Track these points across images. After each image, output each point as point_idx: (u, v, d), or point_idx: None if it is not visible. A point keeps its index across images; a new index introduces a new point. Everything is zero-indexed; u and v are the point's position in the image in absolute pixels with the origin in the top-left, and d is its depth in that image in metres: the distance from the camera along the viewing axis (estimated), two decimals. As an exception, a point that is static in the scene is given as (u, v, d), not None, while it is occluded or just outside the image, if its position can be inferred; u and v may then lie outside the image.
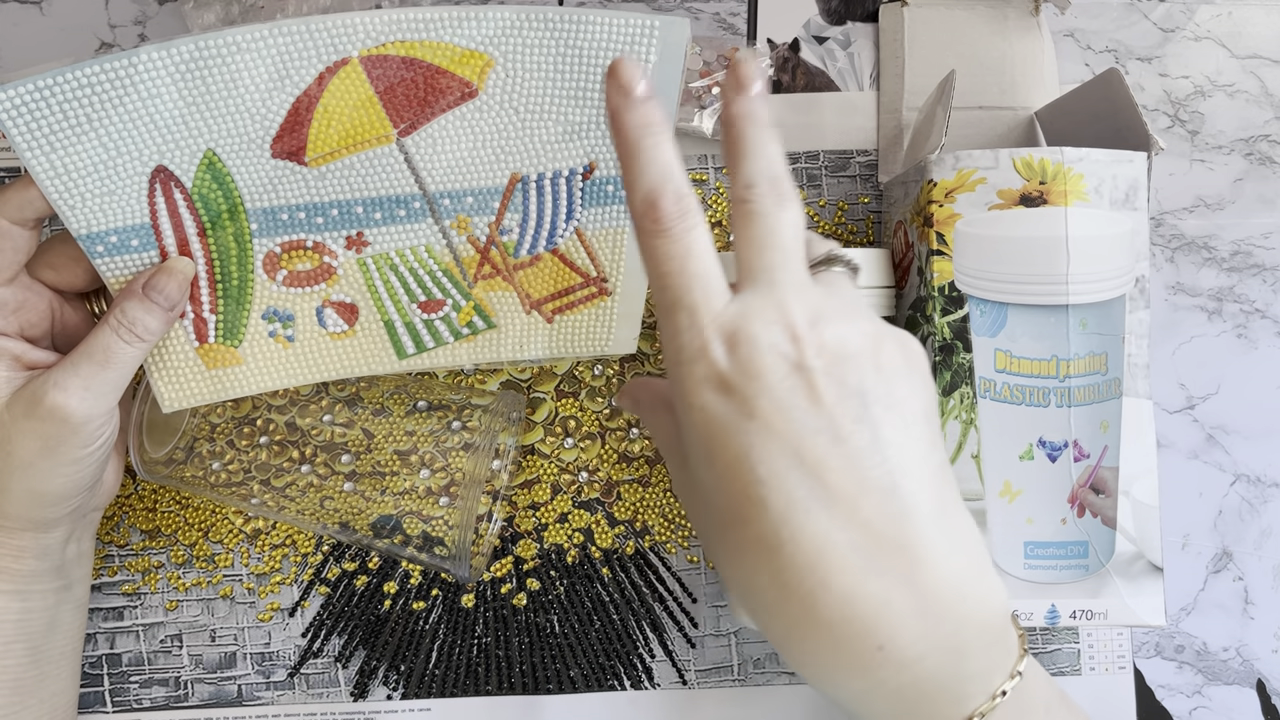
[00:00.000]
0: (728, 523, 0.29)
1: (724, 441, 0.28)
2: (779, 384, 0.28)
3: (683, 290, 0.29)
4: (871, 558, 0.27)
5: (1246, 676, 0.51)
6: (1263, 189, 0.52)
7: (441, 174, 0.39)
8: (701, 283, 0.29)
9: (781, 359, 0.28)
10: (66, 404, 0.36)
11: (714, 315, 0.29)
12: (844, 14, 0.52)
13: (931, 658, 0.28)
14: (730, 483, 0.28)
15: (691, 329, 0.29)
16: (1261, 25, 0.52)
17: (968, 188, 0.42)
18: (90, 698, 0.49)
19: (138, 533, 0.49)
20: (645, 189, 0.29)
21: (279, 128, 0.37)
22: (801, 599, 0.28)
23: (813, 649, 0.28)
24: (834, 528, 0.27)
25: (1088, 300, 0.41)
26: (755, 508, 0.28)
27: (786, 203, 0.30)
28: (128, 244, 0.38)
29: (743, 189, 0.30)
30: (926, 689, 0.28)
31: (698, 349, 0.29)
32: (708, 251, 0.29)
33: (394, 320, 0.42)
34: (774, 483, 0.28)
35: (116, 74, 0.35)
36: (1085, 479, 0.41)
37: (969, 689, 0.28)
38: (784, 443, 0.28)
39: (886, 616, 0.27)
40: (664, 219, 0.29)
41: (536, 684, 0.49)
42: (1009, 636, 0.30)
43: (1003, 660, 0.29)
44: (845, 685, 0.29)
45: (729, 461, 0.28)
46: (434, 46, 0.37)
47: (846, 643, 0.28)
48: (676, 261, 0.29)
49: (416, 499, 0.44)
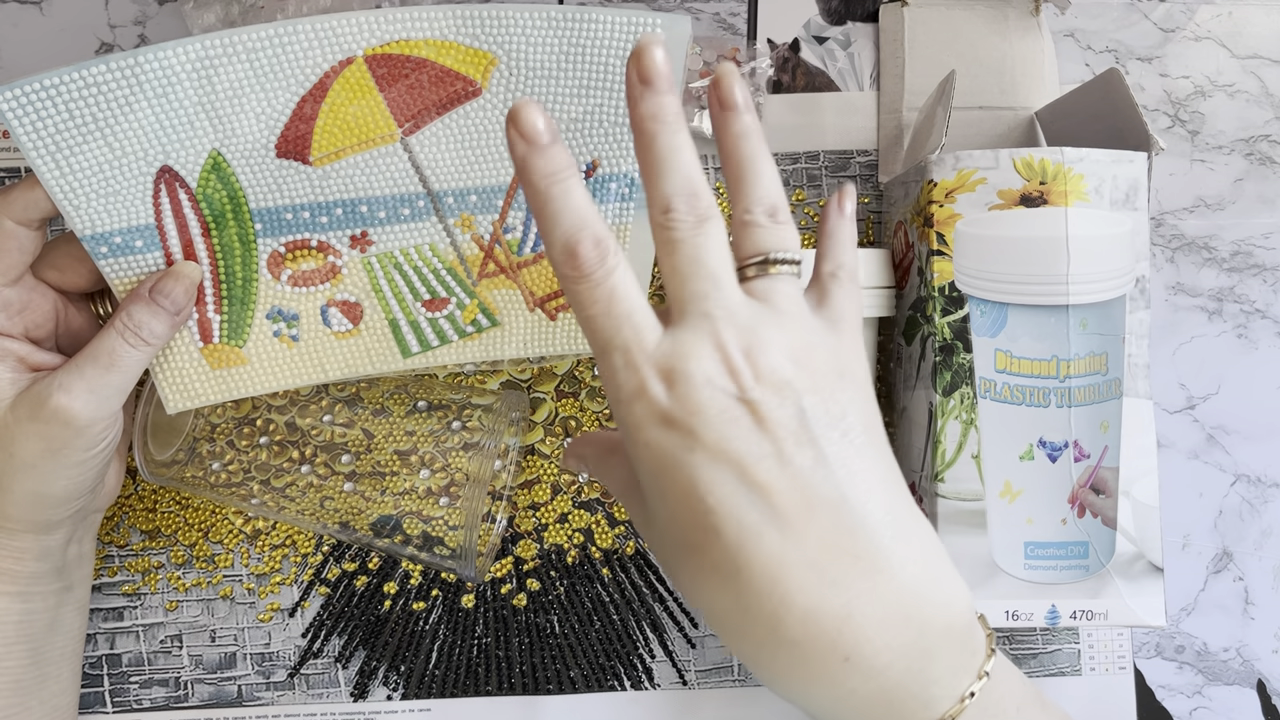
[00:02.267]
0: (686, 552, 0.29)
1: (673, 474, 0.29)
2: (719, 415, 0.28)
3: (612, 332, 0.29)
4: (828, 572, 0.28)
5: (1247, 677, 0.51)
6: (1263, 189, 0.52)
7: (445, 172, 0.39)
8: (630, 322, 0.29)
9: (720, 392, 0.28)
10: (71, 406, 0.36)
11: (647, 354, 0.29)
12: (844, 14, 0.52)
13: (897, 665, 0.28)
14: (683, 513, 0.29)
15: (627, 368, 0.29)
16: (1261, 25, 0.52)
17: (968, 188, 0.42)
18: (90, 698, 0.49)
19: (138, 533, 0.49)
20: (563, 237, 0.29)
21: (283, 128, 0.37)
22: (765, 620, 0.28)
23: (781, 666, 0.29)
24: (788, 547, 0.28)
25: (1088, 300, 0.41)
26: (709, 535, 0.28)
27: (706, 223, 0.29)
28: (132, 245, 0.38)
29: (659, 214, 0.30)
30: (895, 695, 0.29)
31: (636, 388, 0.29)
32: (631, 290, 0.29)
33: (398, 319, 0.42)
34: (724, 510, 0.28)
35: (122, 74, 0.35)
36: (1085, 479, 0.41)
37: (936, 692, 0.29)
38: (731, 470, 0.28)
39: (849, 629, 0.28)
40: (584, 265, 0.29)
41: (536, 684, 0.49)
42: (974, 638, 0.30)
43: (969, 662, 0.30)
44: (815, 698, 0.29)
45: (680, 493, 0.29)
46: (438, 45, 0.37)
47: (812, 658, 0.28)
48: (602, 304, 0.29)
49: (416, 499, 0.44)
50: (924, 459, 0.43)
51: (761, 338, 0.29)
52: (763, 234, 0.31)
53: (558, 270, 0.30)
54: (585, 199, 0.29)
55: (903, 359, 0.46)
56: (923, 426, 0.43)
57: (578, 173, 0.29)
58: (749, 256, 0.31)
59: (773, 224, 0.31)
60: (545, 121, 0.29)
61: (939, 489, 0.42)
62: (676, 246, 0.29)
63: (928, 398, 0.43)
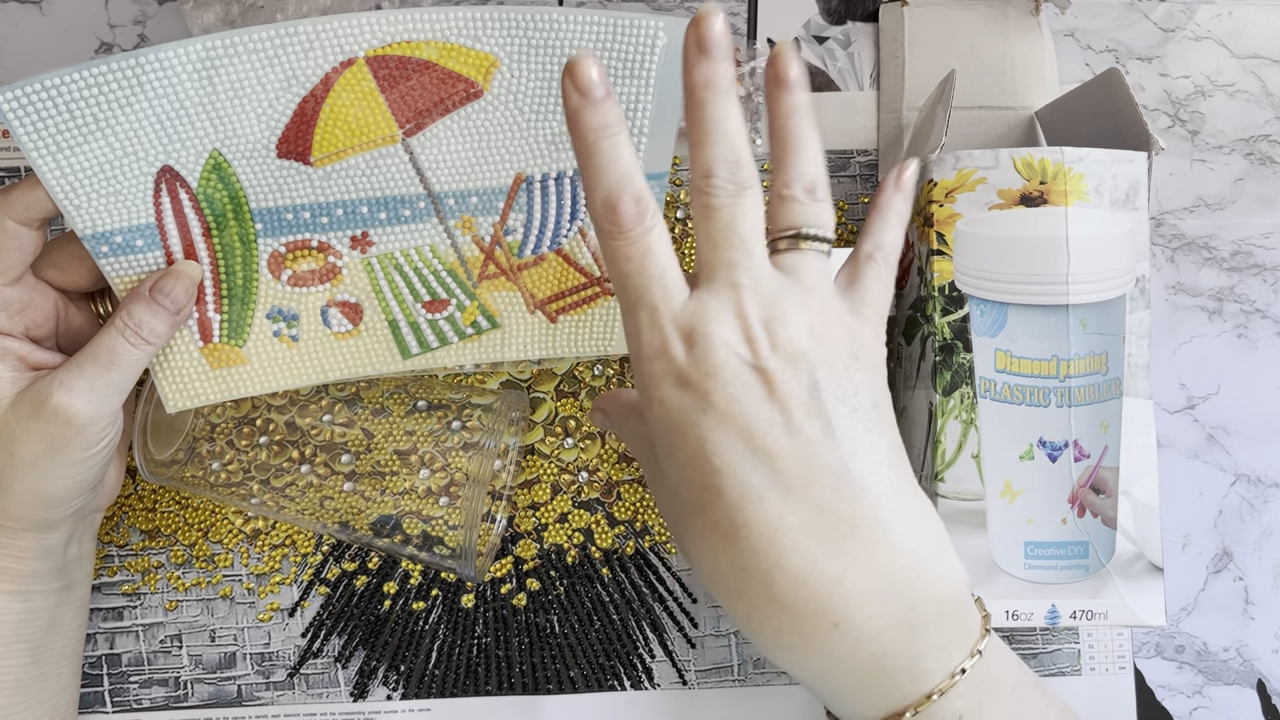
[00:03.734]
0: (690, 511, 0.30)
1: (683, 433, 0.30)
2: (734, 380, 0.29)
3: (642, 290, 0.30)
4: (825, 538, 0.29)
5: (1247, 677, 0.51)
6: (1263, 189, 0.52)
7: (446, 174, 0.39)
8: (660, 282, 0.30)
9: (736, 357, 0.29)
10: (71, 405, 0.37)
11: (673, 313, 0.30)
12: (844, 14, 0.52)
13: (887, 635, 0.29)
14: (690, 472, 0.30)
15: (652, 327, 0.30)
16: (1261, 25, 0.52)
17: (968, 188, 0.42)
18: (90, 698, 0.49)
19: (137, 533, 0.49)
20: (604, 192, 0.30)
21: (285, 128, 0.37)
22: (759, 580, 0.29)
23: (773, 629, 0.29)
24: (787, 511, 0.29)
25: (1088, 300, 0.41)
26: (713, 495, 0.29)
27: (745, 192, 0.30)
28: (132, 244, 0.38)
29: (700, 179, 0.30)
30: (884, 665, 0.29)
31: (658, 346, 0.30)
32: (665, 251, 0.30)
33: (398, 320, 0.42)
34: (729, 471, 0.29)
35: (124, 74, 0.35)
36: (1085, 479, 0.41)
37: (926, 665, 0.29)
38: (739, 434, 0.29)
39: (840, 595, 0.28)
40: (623, 221, 0.30)
41: (536, 684, 0.49)
42: (968, 616, 0.31)
43: (962, 639, 0.30)
44: (806, 663, 0.30)
45: (689, 452, 0.30)
46: (440, 47, 0.37)
47: (803, 621, 0.29)
48: (635, 262, 0.30)
49: (416, 499, 0.44)
50: (924, 459, 0.43)
51: (783, 309, 0.30)
52: (799, 209, 0.31)
53: (597, 224, 0.30)
54: (631, 157, 0.30)
55: (903, 359, 0.46)
56: (923, 426, 0.43)
57: (627, 130, 0.30)
58: (782, 230, 0.31)
59: (810, 200, 0.31)
60: (600, 74, 0.29)
61: (939, 489, 0.42)
62: (714, 213, 0.30)
63: (928, 397, 0.43)
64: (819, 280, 0.31)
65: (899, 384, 0.46)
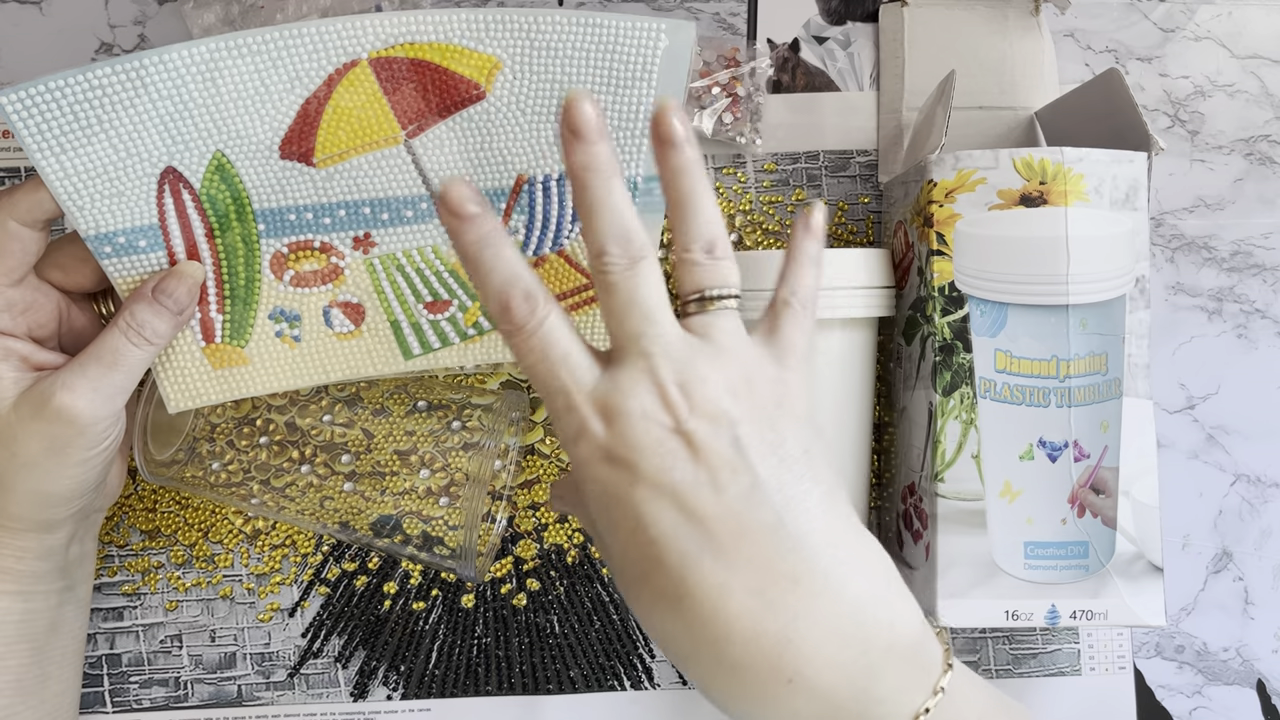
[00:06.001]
0: (636, 581, 0.30)
1: (620, 508, 0.30)
2: (656, 448, 0.29)
3: (550, 376, 0.30)
4: (767, 596, 0.29)
5: (1246, 677, 0.51)
6: (1263, 189, 0.52)
7: (448, 175, 0.39)
8: (565, 365, 0.30)
9: (657, 425, 0.29)
10: (73, 405, 0.37)
11: (585, 393, 0.30)
12: (844, 14, 0.52)
13: (841, 686, 0.29)
14: (630, 545, 0.30)
15: (568, 410, 0.30)
16: (1261, 25, 0.52)
17: (968, 188, 0.42)
18: (90, 698, 0.49)
19: (138, 533, 0.49)
20: (494, 293, 0.30)
21: (288, 129, 0.37)
22: (709, 646, 0.29)
23: (728, 689, 0.30)
24: (727, 574, 0.29)
25: (1088, 300, 0.41)
26: (654, 565, 0.29)
27: (638, 264, 0.30)
28: (135, 245, 0.38)
29: (594, 258, 0.31)
30: (842, 714, 0.29)
31: (577, 428, 0.30)
32: (564, 337, 0.30)
33: (400, 321, 0.42)
34: (665, 541, 0.29)
35: (127, 76, 0.35)
36: (1085, 479, 0.41)
37: (886, 710, 0.29)
38: (670, 501, 0.29)
39: (790, 652, 0.29)
40: (516, 318, 0.30)
41: (536, 684, 0.49)
42: (925, 654, 0.30)
43: (920, 679, 0.30)
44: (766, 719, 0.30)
45: (627, 526, 0.30)
46: (443, 49, 0.37)
47: (757, 681, 0.29)
48: (538, 353, 0.30)
49: (416, 499, 0.44)
50: (924, 459, 0.43)
51: (698, 372, 0.30)
52: (700, 272, 0.31)
53: (496, 325, 0.31)
54: (514, 255, 0.30)
55: (903, 359, 0.46)
56: (923, 426, 0.43)
57: (504, 231, 0.31)
58: (689, 294, 0.32)
59: (710, 260, 0.31)
60: (471, 192, 0.30)
61: (939, 489, 0.42)
62: (612, 289, 0.30)
63: (928, 398, 0.43)
64: (731, 339, 0.31)
65: (899, 384, 0.46)
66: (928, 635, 0.31)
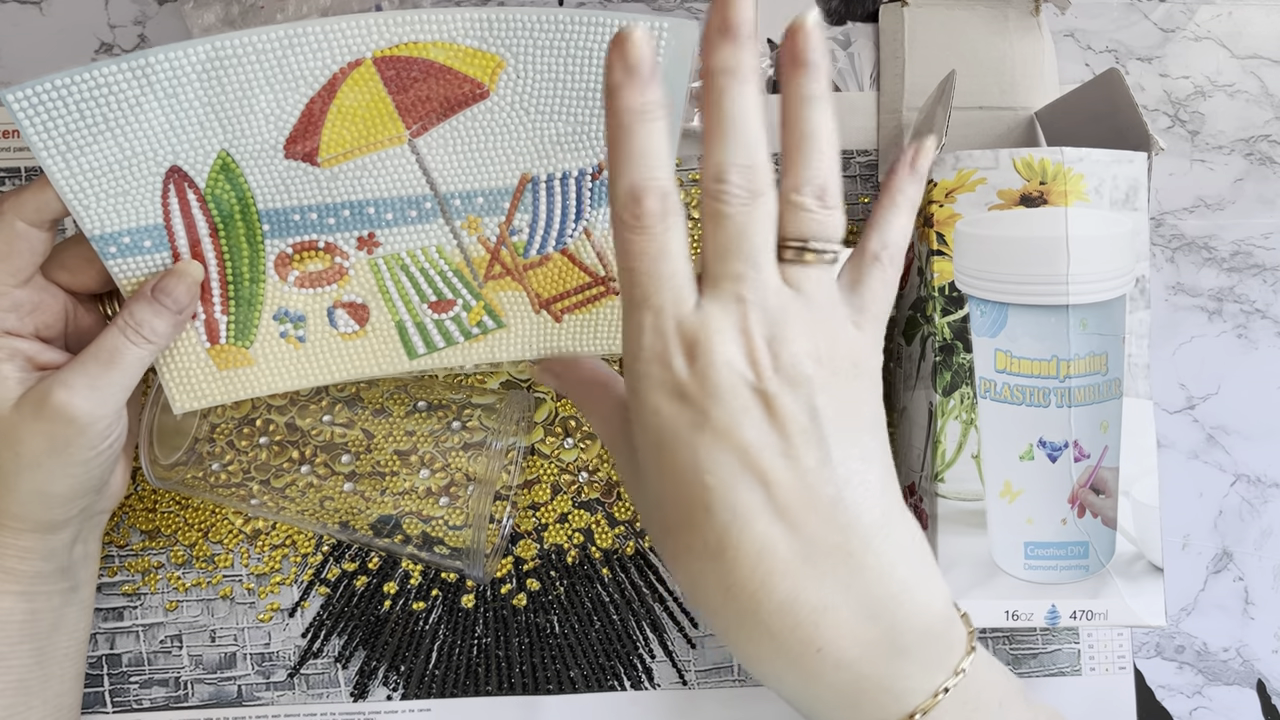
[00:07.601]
0: (676, 526, 0.29)
1: (675, 447, 0.29)
2: (734, 401, 0.28)
3: (650, 290, 0.29)
4: (813, 566, 0.28)
5: (1246, 677, 0.51)
6: (1263, 189, 0.52)
7: (453, 174, 0.39)
8: (671, 285, 0.29)
9: (737, 377, 0.28)
10: (71, 403, 0.37)
11: (678, 321, 0.29)
12: (844, 14, 0.52)
13: (869, 659, 0.29)
14: (679, 487, 0.29)
15: (655, 331, 0.29)
16: (1261, 25, 0.52)
17: (968, 188, 0.42)
18: (90, 698, 0.49)
19: (138, 533, 0.49)
20: (630, 181, 0.28)
21: (292, 129, 0.37)
22: (744, 602, 0.29)
23: (755, 648, 0.29)
24: (778, 537, 0.28)
25: (1088, 300, 0.41)
26: (701, 513, 0.29)
27: (758, 200, 0.28)
28: (140, 245, 0.38)
29: (712, 182, 0.29)
30: (865, 687, 0.29)
31: (658, 352, 0.29)
32: (681, 252, 0.29)
33: (405, 320, 0.42)
34: (721, 491, 0.28)
35: (133, 75, 0.35)
36: (1085, 479, 0.41)
37: (908, 686, 0.29)
38: (734, 454, 0.28)
39: (825, 622, 0.28)
40: (645, 216, 0.28)
41: (536, 684, 0.49)
42: (952, 635, 0.30)
43: (945, 658, 0.30)
44: (787, 682, 0.30)
45: (680, 467, 0.29)
46: (446, 48, 0.37)
47: (787, 645, 0.29)
48: (649, 260, 0.28)
49: (416, 499, 0.44)
50: (924, 459, 0.43)
51: (787, 328, 0.29)
52: (808, 220, 0.29)
53: (615, 213, 0.29)
54: (665, 146, 0.28)
55: (903, 359, 0.46)
56: (923, 426, 0.43)
57: (668, 117, 0.28)
58: (791, 239, 0.30)
59: (820, 208, 0.29)
60: (651, 52, 0.28)
61: (939, 489, 0.42)
62: (724, 220, 0.29)
63: (928, 398, 0.43)
64: (824, 297, 0.30)
65: (899, 384, 0.46)
66: (955, 618, 0.31)
